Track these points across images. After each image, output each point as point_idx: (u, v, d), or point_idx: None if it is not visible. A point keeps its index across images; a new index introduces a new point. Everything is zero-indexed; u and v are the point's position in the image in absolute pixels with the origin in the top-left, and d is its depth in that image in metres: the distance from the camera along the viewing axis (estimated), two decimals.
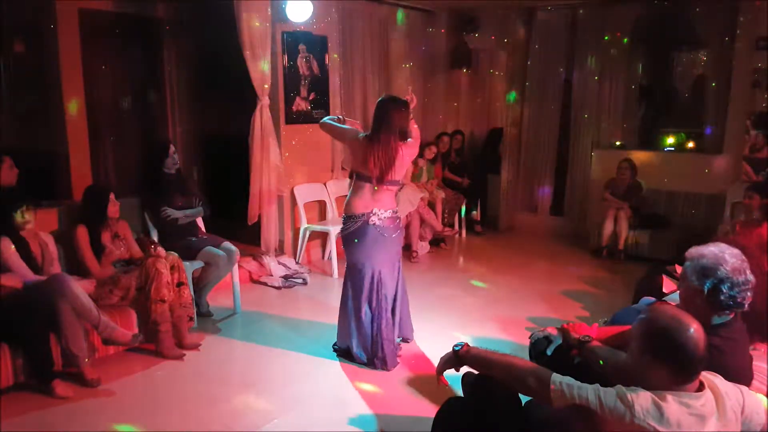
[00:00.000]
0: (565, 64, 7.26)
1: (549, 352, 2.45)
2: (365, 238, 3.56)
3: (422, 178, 6.86)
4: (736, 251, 2.03)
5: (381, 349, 3.61)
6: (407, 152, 3.56)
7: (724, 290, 1.96)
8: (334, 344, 3.88)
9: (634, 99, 7.09)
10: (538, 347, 2.59)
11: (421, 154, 6.69)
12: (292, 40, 5.56)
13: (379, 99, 3.65)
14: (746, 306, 2.02)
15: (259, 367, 3.73)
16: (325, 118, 3.83)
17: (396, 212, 3.66)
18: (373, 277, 3.61)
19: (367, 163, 3.49)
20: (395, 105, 3.54)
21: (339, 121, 3.79)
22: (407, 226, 6.17)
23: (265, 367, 3.73)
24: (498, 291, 5.22)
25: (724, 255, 2.00)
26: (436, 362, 2.25)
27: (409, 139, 3.60)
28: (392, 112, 3.49)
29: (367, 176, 3.54)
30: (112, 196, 3.93)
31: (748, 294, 1.99)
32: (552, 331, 2.52)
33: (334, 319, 4.31)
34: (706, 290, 1.98)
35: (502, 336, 4.14)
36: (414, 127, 3.68)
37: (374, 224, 3.54)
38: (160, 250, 3.91)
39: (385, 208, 3.58)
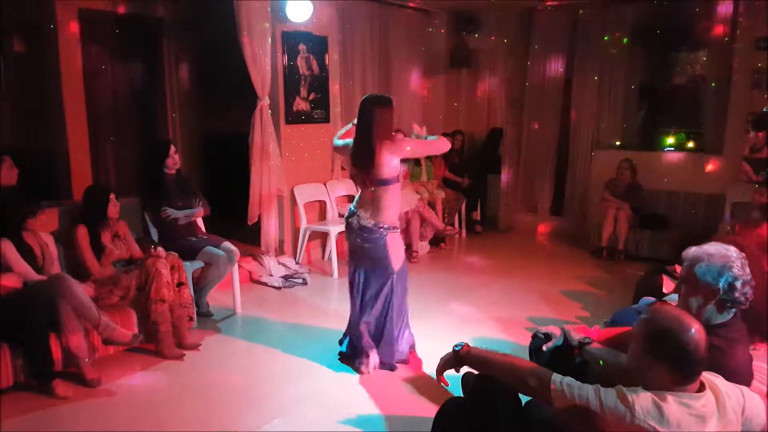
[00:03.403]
0: (565, 64, 7.27)
1: (546, 350, 2.45)
2: (347, 236, 3.62)
3: (422, 178, 6.86)
4: (733, 248, 2.04)
5: (355, 344, 3.65)
6: (389, 149, 3.40)
7: (738, 287, 1.96)
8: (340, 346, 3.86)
9: (634, 99, 7.10)
10: (537, 344, 2.59)
11: None
12: (292, 40, 5.56)
13: (362, 99, 3.58)
14: (748, 304, 2.02)
15: (259, 367, 3.73)
16: (336, 140, 3.76)
17: (383, 226, 3.45)
18: (356, 274, 3.62)
19: (352, 166, 3.53)
20: (375, 103, 3.46)
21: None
22: (407, 226, 6.17)
23: (265, 367, 3.72)
24: (498, 291, 5.22)
25: (729, 253, 2.00)
26: (436, 362, 2.25)
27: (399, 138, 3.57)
28: (373, 112, 3.42)
29: (355, 178, 3.58)
30: (112, 196, 3.93)
31: (751, 291, 2.00)
32: (554, 330, 2.52)
33: (333, 319, 4.33)
34: (722, 289, 1.98)
35: (502, 336, 4.14)
36: (407, 144, 3.59)
37: (351, 224, 3.52)
38: (160, 250, 3.91)
39: (370, 214, 3.45)
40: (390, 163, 3.41)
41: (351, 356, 3.68)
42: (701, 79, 6.80)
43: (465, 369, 2.20)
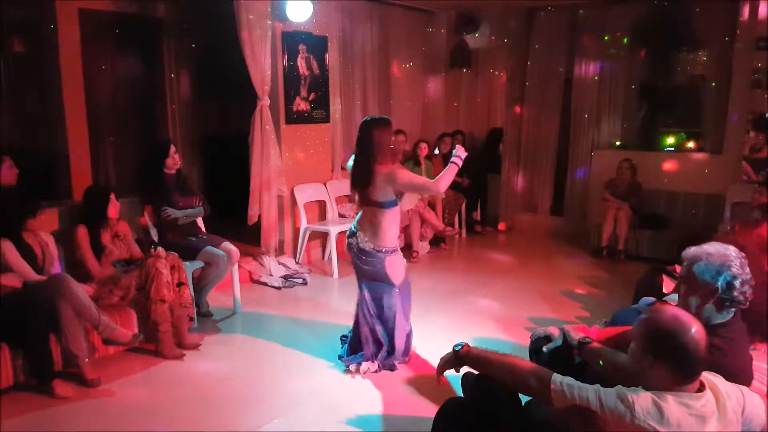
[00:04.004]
0: (565, 64, 7.27)
1: (546, 350, 2.45)
2: (349, 252, 3.65)
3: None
4: (732, 247, 2.04)
5: (355, 346, 3.67)
6: (386, 178, 3.40)
7: (737, 286, 1.96)
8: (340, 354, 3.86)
9: (634, 99, 7.10)
10: (537, 345, 2.60)
11: (414, 153, 6.70)
12: (292, 40, 5.56)
13: (361, 121, 3.59)
14: (748, 303, 2.02)
15: (259, 367, 3.73)
16: (349, 162, 3.73)
17: (382, 250, 3.47)
18: (360, 289, 3.66)
19: (350, 186, 3.58)
20: (373, 125, 3.48)
21: None
22: (407, 226, 6.17)
23: (264, 367, 3.72)
24: (498, 291, 5.22)
25: (729, 252, 2.00)
26: (436, 362, 2.25)
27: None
28: (372, 133, 3.44)
29: (354, 197, 3.59)
30: (112, 196, 3.93)
31: (750, 291, 2.00)
32: (553, 331, 2.52)
33: (333, 319, 4.33)
34: (720, 288, 1.98)
35: (502, 336, 4.14)
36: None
37: (351, 245, 3.55)
38: (160, 250, 3.91)
39: (369, 236, 3.48)
40: (385, 189, 3.44)
41: (348, 356, 3.69)
42: (701, 79, 6.80)
43: (465, 369, 2.20)
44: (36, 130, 5.34)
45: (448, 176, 3.44)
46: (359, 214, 3.63)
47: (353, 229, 3.58)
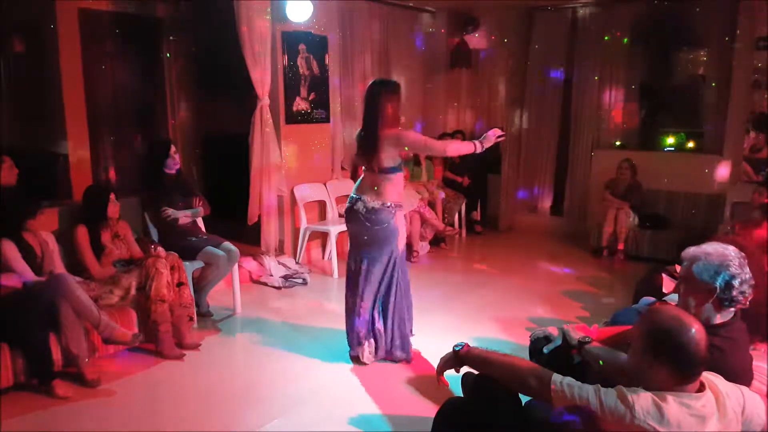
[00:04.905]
0: (565, 64, 7.27)
1: (546, 351, 2.45)
2: (350, 222, 3.61)
3: (422, 178, 6.86)
4: (732, 247, 2.04)
5: (354, 340, 3.64)
6: (391, 142, 3.38)
7: (736, 285, 1.96)
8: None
9: (634, 99, 7.10)
10: (537, 345, 2.60)
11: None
12: (292, 40, 5.56)
13: (370, 83, 3.57)
14: (748, 303, 2.02)
15: (259, 367, 3.74)
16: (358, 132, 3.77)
17: (390, 205, 3.47)
18: (358, 261, 3.59)
19: (357, 150, 3.57)
20: (382, 88, 3.45)
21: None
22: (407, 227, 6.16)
23: (265, 367, 3.73)
24: (498, 291, 5.22)
25: (728, 252, 2.00)
26: (436, 362, 2.24)
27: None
28: (380, 96, 3.40)
29: (360, 162, 3.58)
30: (112, 196, 3.94)
31: (750, 291, 2.00)
32: (553, 331, 2.52)
33: (333, 319, 4.33)
34: (718, 287, 1.98)
35: (502, 336, 4.14)
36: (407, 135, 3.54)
37: (357, 210, 3.51)
38: (160, 250, 3.91)
39: (375, 197, 3.46)
40: (391, 153, 3.42)
41: (351, 346, 3.68)
42: (701, 79, 6.80)
43: (465, 369, 2.20)
44: (36, 130, 5.34)
45: (460, 146, 3.45)
46: (358, 181, 3.59)
47: (354, 195, 3.54)
